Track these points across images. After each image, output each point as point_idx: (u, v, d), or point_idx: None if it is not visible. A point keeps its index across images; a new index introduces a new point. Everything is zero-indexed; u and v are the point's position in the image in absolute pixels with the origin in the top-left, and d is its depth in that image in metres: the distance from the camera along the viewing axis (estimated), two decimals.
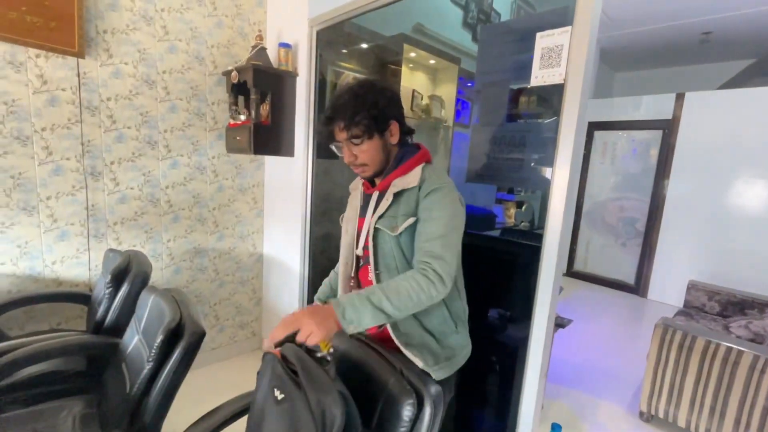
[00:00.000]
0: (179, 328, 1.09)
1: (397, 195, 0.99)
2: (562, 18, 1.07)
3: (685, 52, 4.16)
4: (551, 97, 1.12)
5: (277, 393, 0.79)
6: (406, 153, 1.03)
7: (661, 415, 2.01)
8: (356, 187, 1.17)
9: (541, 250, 1.12)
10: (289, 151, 2.13)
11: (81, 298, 1.73)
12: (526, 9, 2.44)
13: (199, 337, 1.08)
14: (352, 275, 1.09)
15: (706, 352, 1.85)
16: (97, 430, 1.13)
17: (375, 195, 1.05)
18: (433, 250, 0.90)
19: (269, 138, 2.02)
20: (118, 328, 1.43)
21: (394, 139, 1.02)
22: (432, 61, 2.54)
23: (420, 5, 2.54)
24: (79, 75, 1.68)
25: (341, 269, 1.13)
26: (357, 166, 1.01)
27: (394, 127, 1.00)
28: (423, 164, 1.02)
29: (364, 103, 0.94)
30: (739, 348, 1.77)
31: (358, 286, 1.09)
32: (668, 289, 4.04)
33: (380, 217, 1.00)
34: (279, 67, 2.01)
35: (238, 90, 2.07)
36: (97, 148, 1.77)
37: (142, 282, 1.49)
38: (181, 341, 1.05)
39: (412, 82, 2.45)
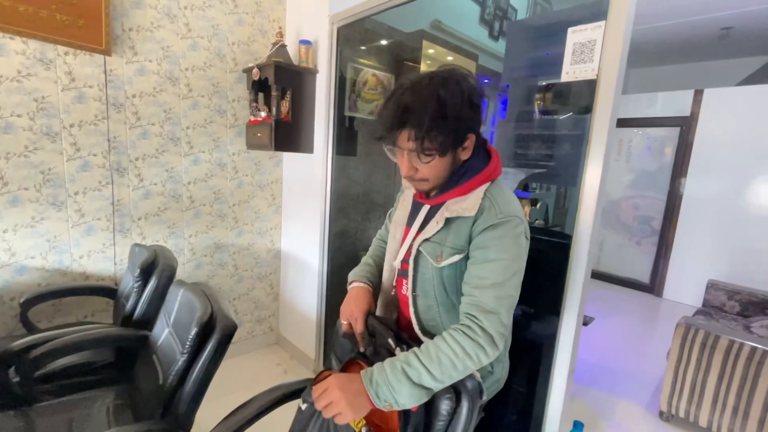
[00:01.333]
0: (211, 321, 1.10)
1: (449, 220, 0.85)
2: (591, 13, 1.07)
3: (704, 47, 4.09)
4: (581, 93, 1.11)
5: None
6: (469, 168, 0.85)
7: (681, 414, 1.99)
8: (409, 186, 1.01)
9: (570, 248, 1.12)
10: (308, 148, 2.14)
11: (107, 291, 1.77)
12: (543, 5, 2.42)
13: (231, 330, 1.09)
14: (394, 284, 0.99)
15: (730, 351, 1.82)
16: (130, 419, 1.15)
17: (425, 208, 0.92)
18: (484, 303, 0.76)
19: (289, 134, 2.04)
20: (147, 321, 1.46)
21: (466, 154, 0.84)
22: (450, 58, 2.53)
23: (438, 1, 2.53)
24: (105, 72, 1.71)
25: (386, 275, 1.02)
26: (415, 180, 0.85)
27: (471, 141, 0.82)
28: (487, 185, 0.85)
29: (447, 113, 0.75)
30: (765, 348, 1.75)
31: (396, 299, 1.00)
32: (684, 288, 4.00)
33: (426, 239, 0.87)
34: (299, 63, 2.02)
35: (258, 87, 2.09)
36: (122, 144, 1.80)
37: (170, 276, 1.51)
38: (214, 334, 1.07)
39: None
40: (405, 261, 0.95)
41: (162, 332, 1.30)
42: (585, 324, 1.83)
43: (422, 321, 0.93)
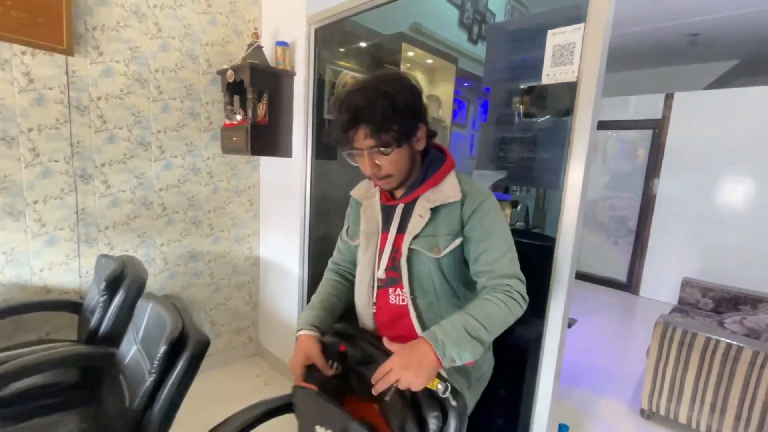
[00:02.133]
0: (182, 338, 1.04)
1: (434, 210, 0.88)
2: (570, 16, 1.06)
3: (673, 53, 4.23)
4: (562, 95, 1.11)
5: (319, 430, 0.75)
6: (433, 161, 0.91)
7: (662, 412, 2.03)
8: (368, 195, 1.02)
9: (554, 250, 1.11)
10: (286, 152, 2.08)
11: (71, 306, 1.66)
12: (520, 9, 2.44)
13: (204, 346, 1.03)
14: (374, 300, 0.96)
15: (707, 348, 1.86)
16: None
17: (399, 208, 0.92)
18: (506, 271, 0.84)
19: (266, 138, 1.97)
20: (114, 337, 1.37)
21: (421, 145, 0.88)
22: (429, 61, 2.52)
23: (417, 4, 2.52)
24: (67, 73, 1.61)
25: (360, 293, 0.99)
26: (380, 178, 0.87)
27: (422, 131, 0.87)
28: (453, 173, 0.91)
29: (396, 105, 0.79)
30: (739, 344, 1.79)
31: (379, 311, 0.97)
32: (660, 286, 4.11)
33: (416, 236, 0.88)
34: (276, 65, 1.97)
35: (233, 89, 2.02)
36: (87, 149, 1.70)
37: (138, 289, 1.43)
38: (185, 351, 1.01)
39: None
40: (390, 269, 0.92)
41: (130, 349, 1.22)
42: (568, 326, 1.84)
43: (425, 322, 0.91)
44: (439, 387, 0.75)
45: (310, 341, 0.92)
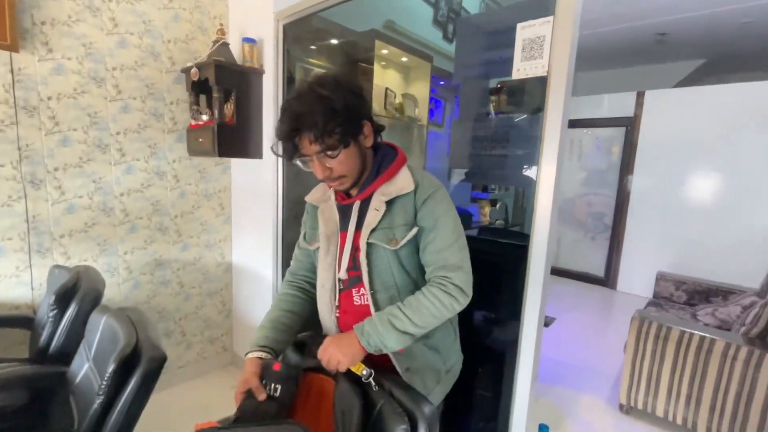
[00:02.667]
0: (135, 354, 0.96)
1: (389, 203, 0.88)
2: (539, 9, 1.04)
3: (643, 52, 4.33)
4: (533, 90, 1.08)
5: None
6: (385, 156, 0.92)
7: (640, 406, 2.04)
8: (324, 198, 1.00)
9: (528, 249, 1.08)
10: (257, 153, 2.00)
11: (23, 321, 1.55)
12: (493, 7, 2.43)
13: (159, 362, 0.95)
14: (337, 304, 0.94)
15: (681, 341, 1.88)
16: None
17: (356, 205, 0.92)
18: (449, 262, 0.85)
19: (235, 139, 1.89)
20: (65, 355, 1.27)
21: (369, 141, 0.89)
22: (404, 59, 2.49)
23: (390, 2, 2.48)
24: (12, 71, 1.50)
25: (323, 298, 0.97)
26: (334, 180, 0.87)
27: (368, 127, 0.88)
28: (405, 166, 0.93)
29: (334, 106, 0.79)
30: (712, 336, 1.81)
31: (343, 315, 0.95)
32: (636, 280, 4.19)
33: (373, 230, 0.88)
34: (243, 63, 1.89)
35: (199, 88, 1.93)
36: (37, 152, 1.59)
37: (93, 301, 1.33)
38: (138, 369, 0.93)
39: (385, 80, 2.38)
40: (351, 268, 0.91)
41: (81, 368, 1.13)
42: (546, 325, 1.82)
43: None
44: (364, 372, 0.82)
45: (250, 364, 0.88)
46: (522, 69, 1.06)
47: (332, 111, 0.78)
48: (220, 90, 1.80)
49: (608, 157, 4.37)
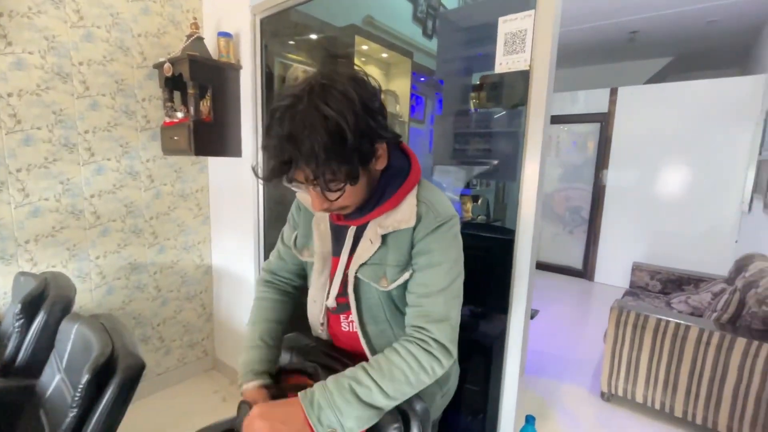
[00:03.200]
0: (110, 363, 0.91)
1: (386, 236, 0.75)
2: (520, 3, 1.04)
3: (615, 49, 4.46)
4: (515, 84, 1.08)
5: None
6: (391, 178, 0.74)
7: (620, 393, 2.10)
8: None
9: (514, 243, 1.08)
10: (236, 151, 1.94)
11: None
12: (470, 2, 2.44)
13: (137, 370, 0.91)
14: (321, 321, 0.87)
15: (658, 329, 1.95)
16: None
17: (351, 230, 0.80)
18: (433, 312, 0.71)
19: (212, 137, 1.83)
20: (34, 367, 1.20)
21: (381, 164, 0.72)
22: (384, 55, 2.47)
23: None
24: None
25: (313, 311, 0.89)
26: (332, 210, 0.73)
27: (383, 150, 0.71)
28: (416, 189, 0.76)
29: (342, 135, 0.60)
30: (687, 323, 1.88)
31: (334, 336, 0.90)
32: (612, 271, 4.32)
33: (363, 264, 0.77)
34: (219, 58, 1.83)
35: (173, 84, 1.86)
36: None
37: (63, 309, 1.26)
38: (114, 378, 0.88)
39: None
40: (341, 294, 0.81)
41: (52, 380, 1.07)
42: (531, 317, 1.85)
43: (377, 351, 0.81)
44: None
45: (256, 395, 0.78)
46: (504, 63, 1.06)
47: (339, 141, 0.60)
48: (196, 86, 1.74)
49: (584, 153, 4.49)
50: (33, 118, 1.56)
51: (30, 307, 1.22)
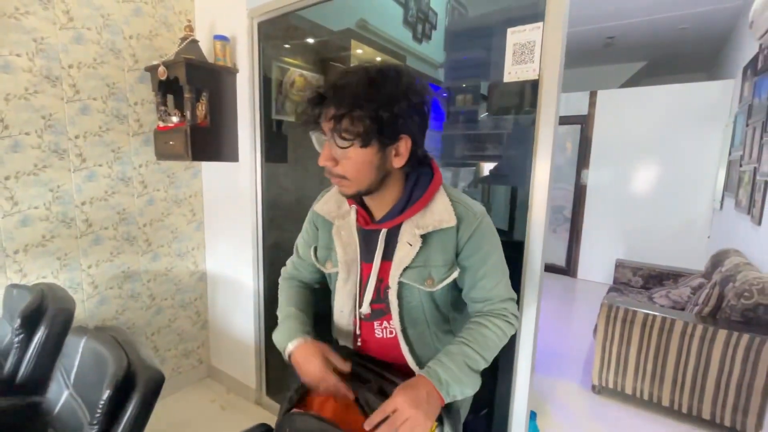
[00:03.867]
0: (129, 376, 0.89)
1: (427, 237, 0.77)
2: (529, 14, 1.08)
3: (593, 54, 4.63)
4: (524, 93, 1.12)
5: None
6: (419, 179, 0.78)
7: (611, 385, 2.19)
8: (341, 214, 0.85)
9: (524, 246, 1.12)
10: (232, 156, 1.92)
11: None
12: (460, 10, 2.49)
13: (158, 383, 0.89)
14: (358, 332, 0.87)
15: (646, 323, 2.04)
16: None
17: (382, 234, 0.79)
18: (503, 294, 0.82)
19: (209, 142, 1.80)
20: (36, 383, 1.15)
21: (399, 162, 0.73)
22: (378, 59, 2.48)
23: (362, 0, 2.47)
24: None
25: (341, 321, 0.89)
26: (333, 175, 0.74)
27: (404, 145, 0.71)
28: (441, 190, 0.80)
29: (375, 95, 0.65)
30: (672, 317, 1.98)
31: (364, 344, 0.89)
32: (594, 268, 4.48)
33: (406, 268, 0.77)
34: (215, 61, 1.80)
35: (166, 88, 1.82)
36: None
37: (64, 322, 1.22)
38: (135, 392, 0.86)
39: None
40: (376, 301, 0.82)
41: (59, 396, 1.03)
42: None
43: (418, 354, 0.84)
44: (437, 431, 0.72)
45: (315, 345, 0.81)
46: (513, 72, 1.09)
47: (369, 98, 0.65)
48: (192, 90, 1.71)
49: (565, 153, 4.63)
50: (21, 124, 1.49)
51: (30, 320, 1.17)
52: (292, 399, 0.83)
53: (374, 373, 0.83)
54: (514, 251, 1.15)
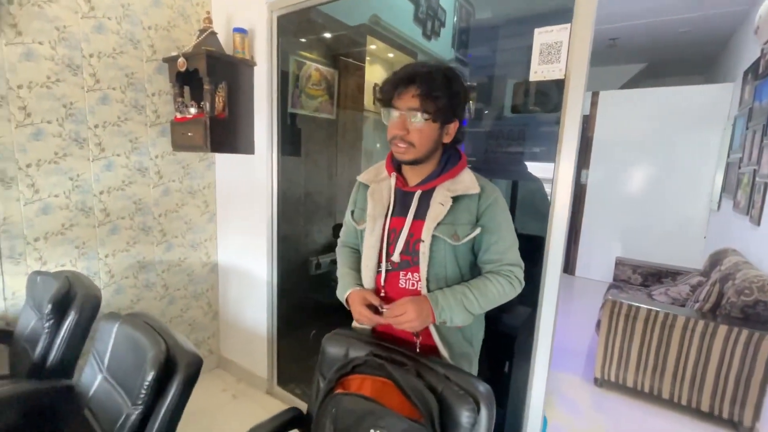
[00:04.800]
0: (169, 360, 0.92)
1: (456, 199, 0.93)
2: (556, 14, 1.11)
3: (596, 55, 4.68)
4: (549, 92, 1.16)
5: None
6: (451, 156, 0.98)
7: (612, 379, 2.25)
8: (378, 179, 1.04)
9: (545, 243, 1.16)
10: (248, 149, 1.93)
11: None
12: (467, 8, 2.52)
13: (198, 367, 0.92)
14: (382, 283, 0.99)
15: (648, 319, 2.11)
16: None
17: (417, 195, 0.96)
18: (512, 259, 0.95)
19: (226, 134, 1.81)
20: (66, 367, 1.18)
21: (447, 138, 0.95)
22: (390, 55, 2.50)
23: None
24: None
25: (366, 276, 1.01)
26: (402, 141, 0.90)
27: (453, 127, 0.94)
28: (468, 169, 0.98)
29: (449, 85, 0.88)
30: (674, 313, 2.05)
31: (386, 296, 1.00)
32: (593, 266, 4.56)
33: (438, 224, 0.92)
34: (234, 54, 1.81)
35: (183, 79, 1.82)
36: (6, 147, 1.42)
37: (93, 309, 1.24)
38: (176, 375, 0.89)
39: (372, 75, 2.39)
40: (405, 252, 0.96)
41: (94, 380, 1.06)
42: None
43: None
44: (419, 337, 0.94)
45: (360, 293, 0.98)
46: (539, 71, 1.13)
47: (447, 85, 0.87)
48: (212, 82, 1.72)
49: None
50: (44, 112, 1.50)
51: (60, 306, 1.19)
52: (331, 381, 0.86)
53: (407, 357, 0.89)
54: (534, 250, 1.19)
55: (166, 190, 1.94)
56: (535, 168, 1.40)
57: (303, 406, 1.05)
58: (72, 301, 1.21)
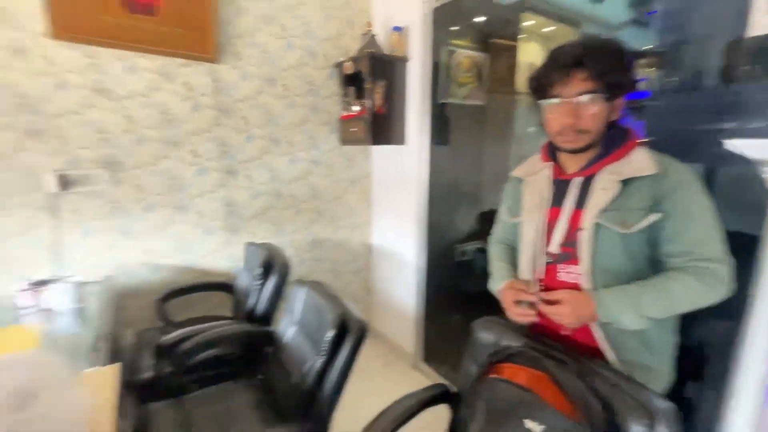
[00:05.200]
0: (344, 322, 1.09)
1: (626, 182, 0.81)
2: None
3: None
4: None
5: (529, 424, 0.73)
6: (615, 135, 0.85)
7: None
8: (533, 172, 0.99)
9: (761, 242, 0.91)
10: (399, 140, 2.08)
11: (225, 287, 1.88)
12: None
13: (365, 330, 1.07)
14: (542, 277, 0.93)
15: None
16: (272, 416, 1.19)
17: (577, 181, 0.88)
18: (710, 253, 0.78)
19: (384, 127, 1.99)
20: (267, 317, 1.52)
21: (615, 115, 0.84)
22: (545, 30, 2.29)
23: None
24: (214, 80, 1.79)
25: (523, 268, 0.97)
26: (573, 132, 0.82)
27: (619, 102, 0.84)
28: (640, 147, 0.85)
29: (622, 59, 0.80)
30: None
31: (545, 290, 0.92)
32: None
33: (602, 210, 0.82)
34: (392, 52, 1.96)
35: (349, 81, 2.07)
36: (232, 148, 1.89)
37: (285, 275, 1.55)
38: (348, 336, 1.06)
39: (527, 54, 2.23)
40: (566, 244, 0.88)
41: (287, 330, 1.33)
42: None
43: None
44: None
45: (514, 285, 0.95)
46: (766, 22, 0.88)
47: (620, 61, 0.79)
48: (373, 80, 1.90)
49: None
50: (254, 119, 1.93)
51: (265, 270, 1.55)
52: (484, 364, 0.89)
53: (568, 355, 0.83)
54: (740, 250, 0.95)
55: (334, 180, 2.25)
56: (748, 146, 1.10)
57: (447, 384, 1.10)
58: (272, 267, 1.55)
